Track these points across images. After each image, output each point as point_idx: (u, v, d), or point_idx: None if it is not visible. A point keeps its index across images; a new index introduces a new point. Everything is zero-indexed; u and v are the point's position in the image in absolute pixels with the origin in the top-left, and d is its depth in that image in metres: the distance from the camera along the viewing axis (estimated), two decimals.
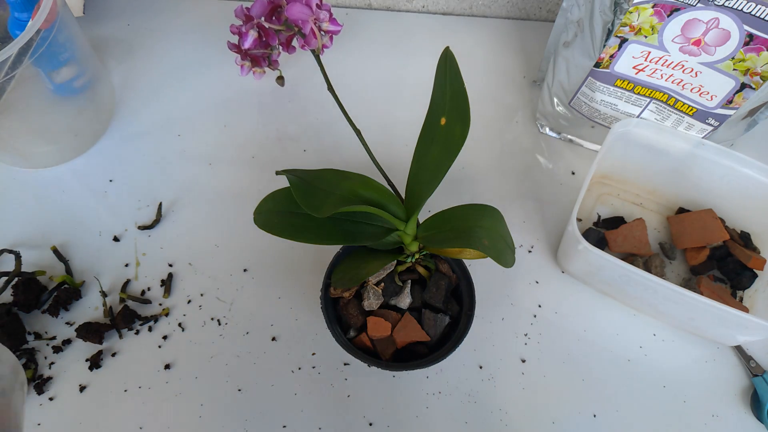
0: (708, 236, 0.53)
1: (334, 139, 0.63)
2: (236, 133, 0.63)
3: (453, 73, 0.42)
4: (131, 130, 0.63)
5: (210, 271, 0.55)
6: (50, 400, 0.49)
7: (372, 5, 0.72)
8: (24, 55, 0.47)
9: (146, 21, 0.70)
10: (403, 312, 0.48)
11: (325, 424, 0.49)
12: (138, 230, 0.57)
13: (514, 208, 0.59)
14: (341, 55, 0.68)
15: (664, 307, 0.50)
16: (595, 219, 0.58)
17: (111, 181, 0.60)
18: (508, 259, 0.40)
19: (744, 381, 0.52)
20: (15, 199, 0.58)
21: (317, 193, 0.42)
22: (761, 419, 0.49)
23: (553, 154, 0.62)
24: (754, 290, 0.53)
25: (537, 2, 0.70)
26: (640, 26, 0.46)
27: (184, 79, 0.66)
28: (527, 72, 0.68)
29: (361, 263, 0.46)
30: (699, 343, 0.53)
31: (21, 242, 0.56)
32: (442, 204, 0.47)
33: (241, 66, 0.60)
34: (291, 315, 0.53)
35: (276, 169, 0.41)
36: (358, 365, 0.51)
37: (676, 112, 0.53)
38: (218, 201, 0.59)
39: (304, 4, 0.51)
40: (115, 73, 0.66)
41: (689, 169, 0.54)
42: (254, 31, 0.55)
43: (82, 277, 0.55)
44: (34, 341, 0.52)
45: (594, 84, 0.53)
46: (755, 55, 0.45)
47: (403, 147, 0.61)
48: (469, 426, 0.49)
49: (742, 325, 0.45)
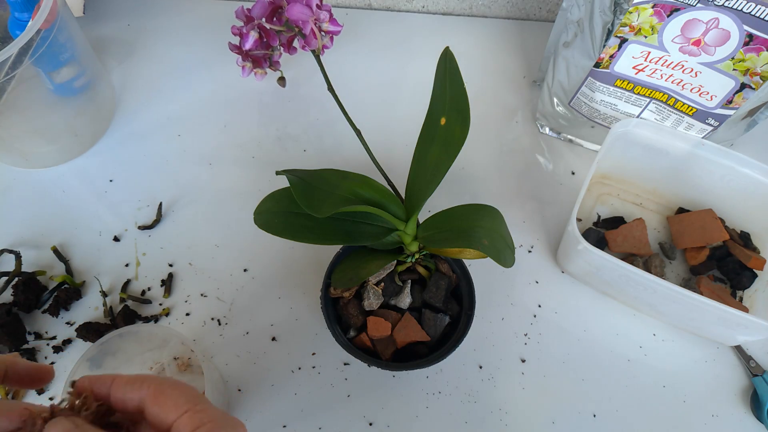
0: (708, 236, 0.53)
1: (335, 139, 0.63)
2: (236, 133, 0.63)
3: (453, 73, 0.42)
4: (131, 130, 0.63)
5: (210, 271, 0.55)
6: (50, 400, 0.49)
7: (372, 5, 0.72)
8: (24, 55, 0.47)
9: (146, 21, 0.70)
10: (403, 312, 0.48)
11: (325, 424, 0.49)
12: (138, 230, 0.57)
13: (514, 208, 0.59)
14: (341, 56, 0.68)
15: (664, 307, 0.50)
16: (595, 219, 0.58)
17: (111, 181, 0.60)
18: (508, 259, 0.40)
19: (744, 381, 0.52)
20: (15, 199, 0.58)
21: (317, 193, 0.42)
22: (761, 419, 0.49)
23: (553, 154, 0.62)
24: (753, 290, 0.53)
25: (537, 2, 0.70)
26: (640, 26, 0.47)
27: (184, 79, 0.66)
28: (527, 72, 0.68)
29: (361, 263, 0.46)
30: (699, 343, 0.53)
31: (21, 242, 0.56)
32: (442, 204, 0.48)
33: (243, 67, 0.60)
34: (291, 315, 0.53)
35: (276, 169, 0.41)
36: (358, 365, 0.51)
37: (676, 112, 0.53)
38: (218, 201, 0.59)
39: (304, 5, 0.51)
40: (115, 73, 0.66)
41: (689, 169, 0.54)
42: (255, 32, 0.55)
43: (82, 277, 0.55)
44: (35, 341, 0.52)
45: (594, 84, 0.53)
46: (755, 55, 0.45)
47: (403, 147, 0.61)
48: (469, 426, 0.49)
49: (742, 325, 0.45)
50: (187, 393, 0.27)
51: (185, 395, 0.26)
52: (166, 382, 0.27)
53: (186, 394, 0.26)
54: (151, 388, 0.26)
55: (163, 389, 0.26)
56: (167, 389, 0.27)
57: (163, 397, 0.26)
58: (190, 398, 0.26)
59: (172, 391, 0.27)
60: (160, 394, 0.26)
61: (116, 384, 0.27)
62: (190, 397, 0.26)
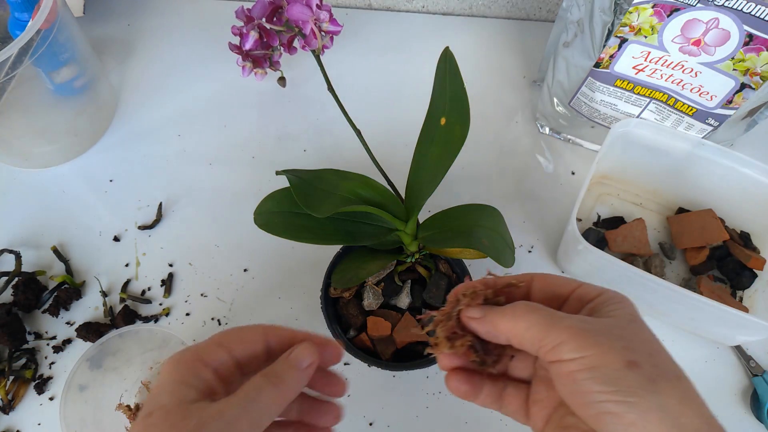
0: (708, 236, 0.53)
1: (334, 139, 0.63)
2: (236, 133, 0.63)
3: (453, 73, 0.42)
4: (131, 130, 0.63)
5: (210, 271, 0.55)
6: (50, 400, 0.49)
7: (372, 5, 0.72)
8: (24, 55, 0.47)
9: (146, 21, 0.70)
10: (403, 312, 0.48)
11: None
12: (138, 230, 0.57)
13: (514, 208, 0.59)
14: (341, 56, 0.68)
15: (664, 307, 0.50)
16: (595, 219, 0.58)
17: (111, 181, 0.60)
18: (508, 259, 0.40)
19: (744, 381, 0.52)
20: (15, 199, 0.58)
21: (317, 193, 0.42)
22: (761, 419, 0.49)
23: (553, 154, 0.62)
24: (753, 290, 0.53)
25: (537, 2, 0.70)
26: (640, 26, 0.46)
27: (184, 79, 0.66)
28: (527, 72, 0.68)
29: (361, 263, 0.46)
30: (699, 343, 0.53)
31: (21, 242, 0.56)
32: (442, 204, 0.48)
33: (243, 67, 0.60)
34: (291, 315, 0.53)
35: (276, 169, 0.41)
36: (358, 365, 0.51)
37: (676, 112, 0.53)
38: (218, 201, 0.59)
39: (304, 5, 0.51)
40: (115, 73, 0.66)
41: (689, 169, 0.54)
42: (255, 32, 0.55)
43: (82, 277, 0.55)
44: (35, 341, 0.52)
45: (594, 84, 0.53)
46: (755, 55, 0.45)
47: (403, 147, 0.61)
48: (469, 426, 0.49)
49: (742, 325, 0.45)
50: (568, 278, 0.30)
51: (568, 278, 0.30)
52: (545, 273, 0.30)
53: (568, 278, 0.30)
54: (536, 276, 0.30)
55: (548, 275, 0.30)
56: (551, 275, 0.30)
57: (552, 279, 0.30)
58: (573, 279, 0.29)
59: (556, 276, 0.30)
60: (548, 277, 0.30)
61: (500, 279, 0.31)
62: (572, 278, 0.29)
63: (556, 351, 0.25)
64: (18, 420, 0.49)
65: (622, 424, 0.24)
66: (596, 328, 0.26)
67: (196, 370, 0.28)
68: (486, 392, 0.30)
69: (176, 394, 0.27)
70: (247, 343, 0.30)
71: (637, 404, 0.23)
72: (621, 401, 0.24)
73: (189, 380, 0.27)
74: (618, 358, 0.24)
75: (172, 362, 0.28)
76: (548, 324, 0.26)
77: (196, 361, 0.28)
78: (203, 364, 0.28)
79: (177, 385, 0.27)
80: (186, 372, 0.28)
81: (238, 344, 0.29)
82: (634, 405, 0.23)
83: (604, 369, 0.24)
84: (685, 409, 0.24)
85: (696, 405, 0.24)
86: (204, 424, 0.25)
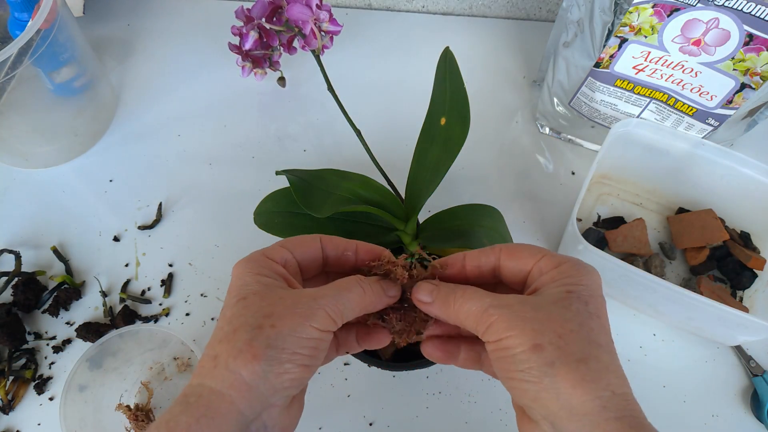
0: (708, 236, 0.53)
1: (334, 139, 0.63)
2: (236, 133, 0.63)
3: (453, 73, 0.42)
4: (131, 130, 0.63)
5: (210, 271, 0.55)
6: (50, 400, 0.49)
7: (372, 5, 0.72)
8: (24, 55, 0.47)
9: (146, 21, 0.70)
10: None
11: (325, 424, 0.49)
12: (138, 230, 0.57)
13: (514, 208, 0.59)
14: (341, 56, 0.68)
15: (664, 307, 0.50)
16: (595, 219, 0.58)
17: (111, 181, 0.60)
18: None
19: (744, 381, 0.52)
20: (15, 199, 0.58)
21: (317, 193, 0.42)
22: (761, 419, 0.49)
23: (553, 154, 0.62)
24: (754, 290, 0.53)
25: (537, 2, 0.70)
26: (640, 26, 0.47)
27: (184, 79, 0.66)
28: (527, 72, 0.68)
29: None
30: (699, 343, 0.53)
31: (21, 242, 0.56)
32: (442, 204, 0.48)
33: (243, 67, 0.60)
34: None
35: (276, 169, 0.41)
36: (358, 365, 0.51)
37: (676, 112, 0.53)
38: (218, 201, 0.59)
39: (304, 5, 0.51)
40: (115, 73, 0.66)
41: (689, 169, 0.54)
42: (255, 32, 0.55)
43: (82, 277, 0.55)
44: (34, 341, 0.52)
45: (594, 84, 0.53)
46: (755, 55, 0.45)
47: (403, 147, 0.61)
48: (469, 426, 0.49)
49: (742, 325, 0.45)
50: (536, 248, 0.31)
51: (536, 248, 0.31)
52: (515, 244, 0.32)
53: (536, 248, 0.31)
54: (504, 249, 0.31)
55: (516, 247, 0.31)
56: (518, 247, 0.31)
57: (518, 252, 0.31)
58: (540, 250, 0.30)
59: (524, 247, 0.31)
60: (515, 250, 0.31)
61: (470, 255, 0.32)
62: (540, 249, 0.30)
63: (486, 334, 0.28)
64: (18, 420, 0.49)
65: (527, 399, 0.27)
66: (518, 311, 0.28)
67: (269, 265, 0.30)
68: (464, 356, 0.33)
69: (262, 282, 0.29)
70: (306, 247, 0.32)
71: (535, 384, 0.26)
72: (523, 381, 0.26)
73: (266, 273, 0.30)
74: (525, 340, 0.26)
75: (242, 262, 0.30)
76: (480, 311, 0.28)
77: (266, 259, 0.30)
78: (273, 261, 0.31)
79: (259, 277, 0.29)
80: (261, 267, 0.30)
81: (299, 247, 0.32)
82: (533, 384, 0.26)
83: (513, 350, 0.27)
84: (578, 391, 0.25)
85: (592, 388, 0.25)
86: (298, 302, 0.28)
